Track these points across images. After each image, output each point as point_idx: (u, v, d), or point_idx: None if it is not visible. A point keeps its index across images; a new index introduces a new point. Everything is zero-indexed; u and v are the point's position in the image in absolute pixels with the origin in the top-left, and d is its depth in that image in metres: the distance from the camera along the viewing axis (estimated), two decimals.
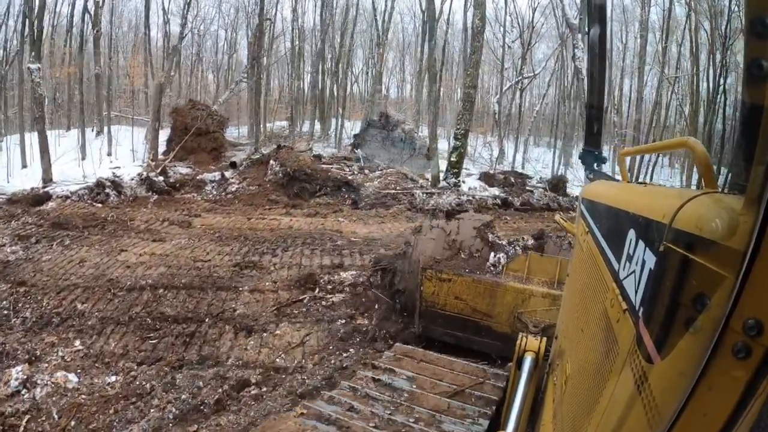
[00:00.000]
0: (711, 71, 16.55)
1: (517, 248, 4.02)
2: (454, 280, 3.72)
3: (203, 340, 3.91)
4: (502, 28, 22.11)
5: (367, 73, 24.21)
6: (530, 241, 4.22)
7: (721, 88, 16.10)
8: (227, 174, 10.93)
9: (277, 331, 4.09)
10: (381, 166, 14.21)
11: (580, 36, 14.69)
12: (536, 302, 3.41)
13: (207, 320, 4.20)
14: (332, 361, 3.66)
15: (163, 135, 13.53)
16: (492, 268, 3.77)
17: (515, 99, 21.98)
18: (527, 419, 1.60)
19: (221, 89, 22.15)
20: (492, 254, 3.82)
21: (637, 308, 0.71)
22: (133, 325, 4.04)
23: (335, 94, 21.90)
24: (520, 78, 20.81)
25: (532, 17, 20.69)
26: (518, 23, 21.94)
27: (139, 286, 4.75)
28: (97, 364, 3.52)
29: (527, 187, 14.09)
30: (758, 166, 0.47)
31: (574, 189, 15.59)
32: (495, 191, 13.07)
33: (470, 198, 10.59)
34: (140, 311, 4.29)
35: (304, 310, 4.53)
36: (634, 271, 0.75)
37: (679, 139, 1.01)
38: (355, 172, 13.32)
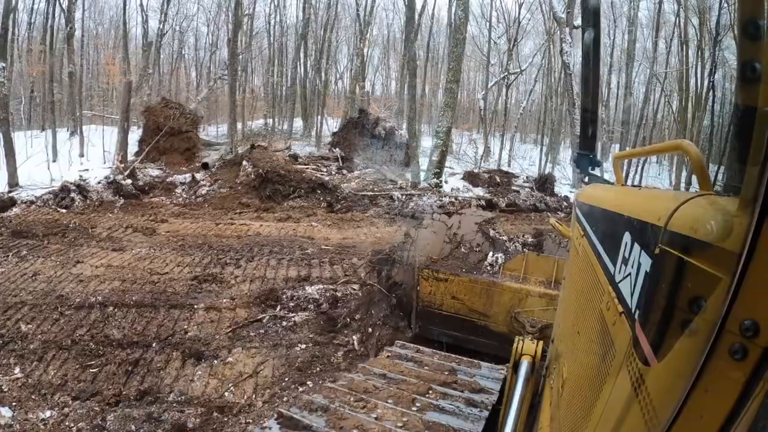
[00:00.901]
0: (699, 67, 17.40)
1: (517, 245, 4.14)
2: (451, 279, 3.79)
3: (147, 369, 3.62)
4: (488, 24, 22.61)
5: (352, 69, 24.33)
6: (530, 239, 4.34)
7: (709, 83, 16.88)
8: (198, 176, 10.67)
9: (229, 358, 3.80)
10: (360, 165, 14.20)
11: (567, 30, 14.78)
12: (533, 302, 3.48)
13: (154, 345, 3.90)
14: (285, 399, 3.36)
15: (139, 135, 13.21)
16: (489, 268, 3.84)
17: (501, 95, 22.27)
18: (524, 423, 1.63)
19: (202, 87, 21.96)
20: (490, 253, 3.90)
21: (633, 311, 0.72)
22: (76, 350, 3.74)
23: (317, 91, 21.84)
24: (506, 74, 21.10)
25: (518, 12, 21.16)
26: (504, 19, 22.44)
27: (88, 304, 4.43)
28: (34, 396, 3.26)
29: (513, 187, 14.07)
30: (752, 168, 0.48)
31: (561, 188, 15.72)
32: (479, 191, 12.98)
33: (452, 199, 10.40)
34: (85, 334, 3.97)
35: (262, 332, 4.23)
36: (629, 274, 0.77)
37: (673, 142, 1.05)
38: (333, 173, 13.22)
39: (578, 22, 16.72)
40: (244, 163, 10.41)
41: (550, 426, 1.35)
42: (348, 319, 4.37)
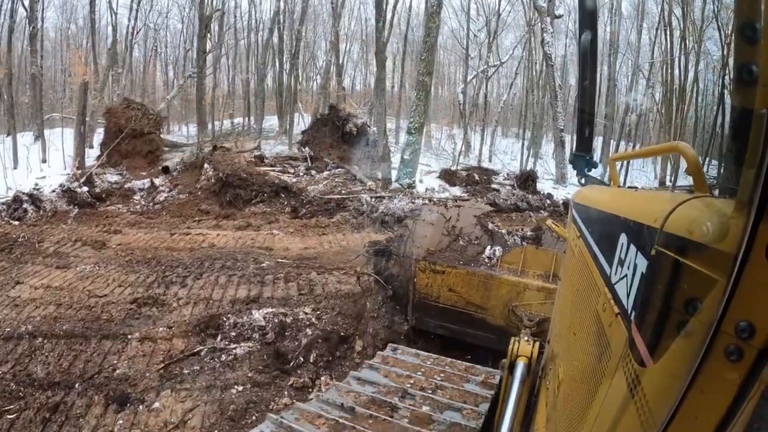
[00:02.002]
0: (683, 58, 18.28)
1: (516, 238, 4.21)
2: (448, 272, 3.87)
3: (66, 416, 3.32)
4: (466, 16, 22.95)
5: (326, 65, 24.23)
6: (528, 232, 4.43)
7: (693, 74, 17.76)
8: (157, 181, 10.31)
9: (156, 403, 3.50)
10: (330, 165, 13.69)
11: (548, 20, 14.92)
12: (531, 295, 3.57)
13: (78, 386, 3.58)
14: None
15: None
16: (487, 261, 3.93)
17: (482, 89, 22.36)
18: (521, 424, 1.67)
19: (176, 86, 21.49)
20: (488, 247, 3.98)
21: (629, 312, 0.75)
22: None
23: (293, 88, 21.63)
24: (485, 67, 21.20)
25: (499, 4, 21.44)
26: (484, 11, 22.62)
27: (18, 334, 4.11)
28: None
29: (493, 185, 13.76)
30: (748, 170, 0.50)
31: (544, 184, 15.59)
32: (457, 191, 12.56)
33: (426, 201, 9.91)
34: (8, 371, 3.67)
35: (197, 368, 3.90)
36: (625, 275, 0.79)
37: (669, 144, 1.11)
38: (301, 174, 12.80)
39: (560, 11, 17.25)
40: (206, 166, 10.03)
41: (546, 427, 1.37)
42: (298, 358, 3.99)
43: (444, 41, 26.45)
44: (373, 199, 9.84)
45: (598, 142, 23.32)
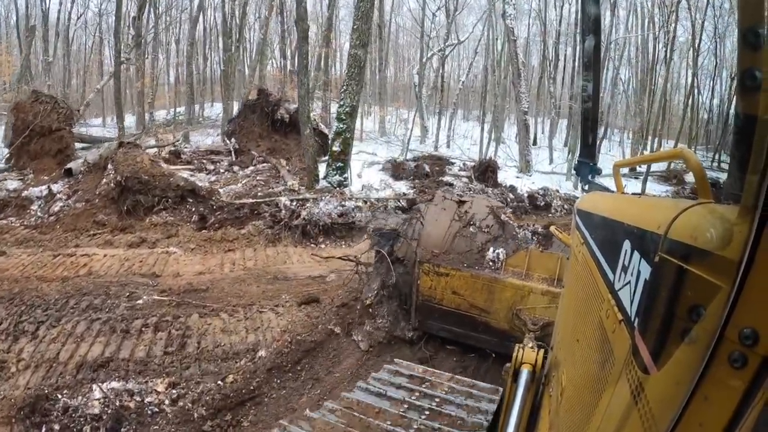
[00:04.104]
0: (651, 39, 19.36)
1: (527, 232, 4.30)
2: (452, 274, 4.02)
3: None
4: None
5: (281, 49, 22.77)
6: (539, 228, 4.47)
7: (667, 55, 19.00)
8: (55, 187, 8.90)
9: None
10: (255, 159, 12.41)
11: None
12: (536, 299, 3.70)
13: None
14: None
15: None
16: (491, 264, 4.04)
17: (440, 70, 21.63)
18: (524, 430, 1.72)
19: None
20: (491, 249, 4.10)
21: (632, 319, 0.78)
22: None
23: (228, 71, 20.46)
24: (443, 46, 20.49)
25: None
26: None
27: None
28: None
29: (447, 177, 12.61)
30: (752, 176, 0.53)
31: (506, 174, 14.22)
32: (402, 186, 11.30)
33: (359, 204, 8.64)
34: None
35: None
36: (629, 282, 0.83)
37: (672, 150, 1.22)
38: (221, 171, 11.66)
39: None
40: (109, 167, 8.70)
41: None
42: None
43: (403, 22, 26.51)
44: (294, 203, 8.38)
45: (562, 126, 23.28)
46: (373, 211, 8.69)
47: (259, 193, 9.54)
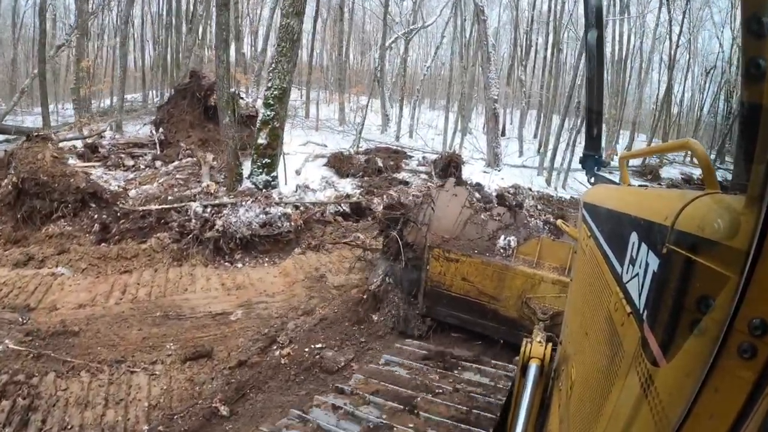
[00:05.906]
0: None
1: (538, 221, 4.36)
2: (462, 260, 4.02)
3: None
4: None
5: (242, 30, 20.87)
6: (551, 218, 4.45)
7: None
8: None
9: None
10: (182, 152, 10.72)
11: None
12: (546, 288, 3.68)
13: None
14: None
15: None
16: (502, 251, 4.02)
17: (404, 54, 20.19)
18: (534, 426, 1.72)
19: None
20: (502, 237, 4.07)
21: (641, 311, 0.77)
22: None
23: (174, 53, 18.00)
24: (407, 29, 19.03)
25: None
26: None
27: None
28: None
29: (403, 173, 11.03)
30: (759, 165, 0.52)
31: (472, 169, 12.59)
32: (347, 185, 9.64)
33: (288, 211, 6.97)
34: None
35: None
36: (637, 274, 0.83)
37: (679, 141, 1.18)
38: (142, 167, 10.04)
39: None
40: (13, 165, 7.36)
41: (560, 428, 1.42)
42: None
43: (370, 6, 25.44)
44: (207, 210, 6.76)
45: (531, 116, 22.32)
46: (304, 221, 7.17)
47: (170, 197, 7.64)
